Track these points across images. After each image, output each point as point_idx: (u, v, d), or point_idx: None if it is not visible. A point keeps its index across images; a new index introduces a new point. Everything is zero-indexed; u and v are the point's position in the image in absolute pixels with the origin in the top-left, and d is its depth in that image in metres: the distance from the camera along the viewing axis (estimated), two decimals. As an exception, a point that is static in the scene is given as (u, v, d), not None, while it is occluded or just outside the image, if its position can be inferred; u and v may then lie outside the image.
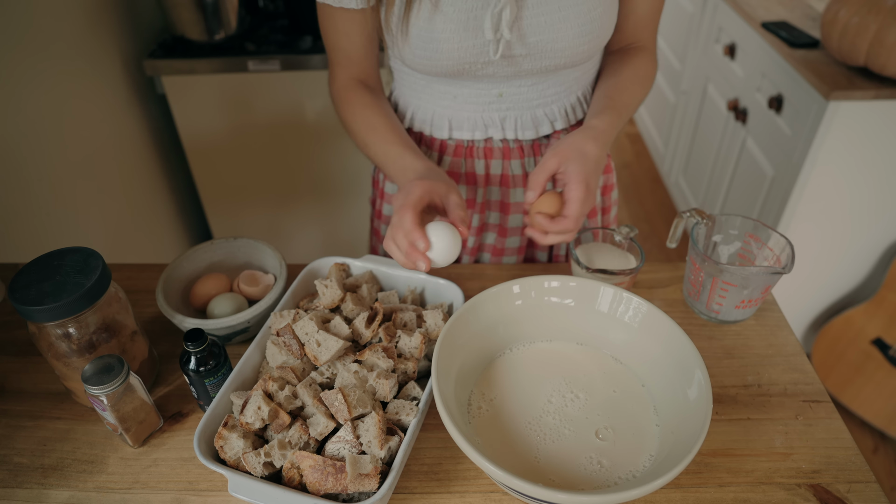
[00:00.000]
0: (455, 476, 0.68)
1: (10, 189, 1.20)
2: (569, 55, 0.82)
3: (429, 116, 0.92)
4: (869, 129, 1.52)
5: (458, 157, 0.94)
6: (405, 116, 0.95)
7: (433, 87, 0.89)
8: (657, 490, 0.60)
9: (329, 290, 0.77)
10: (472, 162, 0.94)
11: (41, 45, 1.30)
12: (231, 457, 0.63)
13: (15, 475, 0.69)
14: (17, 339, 0.85)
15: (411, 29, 0.79)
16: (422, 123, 0.93)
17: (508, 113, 0.90)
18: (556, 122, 0.92)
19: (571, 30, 0.79)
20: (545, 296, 0.76)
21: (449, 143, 0.94)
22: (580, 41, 0.80)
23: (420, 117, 0.93)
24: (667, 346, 0.69)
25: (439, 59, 0.80)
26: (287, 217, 2.02)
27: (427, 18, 0.77)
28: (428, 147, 0.95)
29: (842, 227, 1.72)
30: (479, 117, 0.90)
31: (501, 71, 0.83)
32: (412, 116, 0.94)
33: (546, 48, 0.80)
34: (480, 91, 0.87)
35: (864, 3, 1.46)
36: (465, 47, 0.79)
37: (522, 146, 0.94)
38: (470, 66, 0.81)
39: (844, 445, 0.72)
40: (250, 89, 1.69)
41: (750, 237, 0.85)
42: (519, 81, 0.86)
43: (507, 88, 0.87)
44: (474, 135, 0.92)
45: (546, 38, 0.79)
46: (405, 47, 0.81)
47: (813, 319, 1.96)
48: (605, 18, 0.81)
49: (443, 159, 0.95)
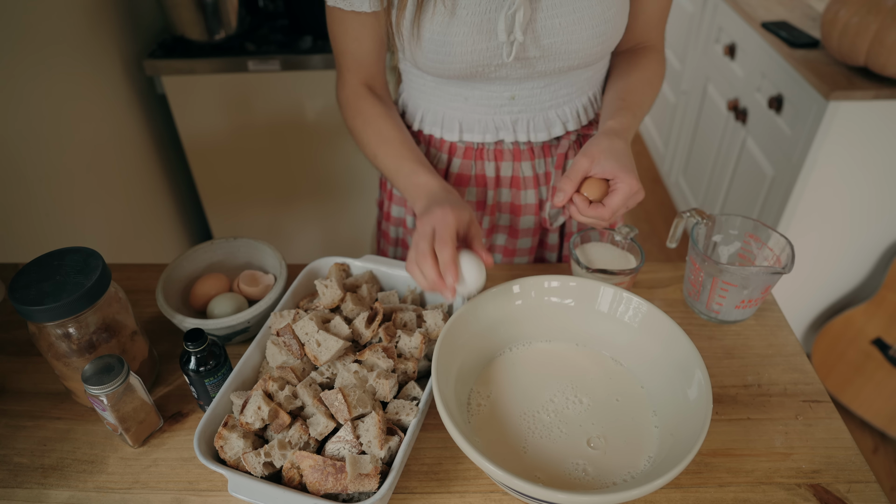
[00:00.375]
0: (455, 476, 0.68)
1: (10, 189, 1.20)
2: (582, 56, 0.81)
3: (439, 119, 0.91)
4: (869, 129, 1.52)
5: (467, 159, 0.93)
6: (415, 118, 0.94)
7: (444, 89, 0.88)
8: (657, 490, 0.60)
9: (329, 290, 0.77)
10: (482, 164, 0.94)
11: (41, 45, 1.30)
12: (231, 457, 0.63)
13: (15, 475, 0.69)
14: (17, 339, 0.85)
15: (424, 32, 0.78)
16: (432, 126, 0.93)
17: (520, 115, 0.89)
18: (569, 123, 0.92)
19: (586, 31, 0.78)
20: (545, 296, 0.76)
21: (459, 145, 0.93)
22: (594, 42, 0.80)
23: (430, 119, 0.92)
24: (667, 346, 0.69)
25: (452, 62, 0.79)
26: (287, 217, 2.02)
27: (440, 22, 0.76)
28: (437, 149, 0.94)
29: (842, 227, 1.72)
30: (491, 120, 0.89)
31: (514, 73, 0.82)
32: (422, 118, 0.93)
33: (560, 49, 0.79)
34: (492, 93, 0.86)
35: (864, 3, 1.46)
36: (478, 50, 0.78)
37: (533, 148, 0.93)
38: (483, 68, 0.81)
39: (844, 445, 0.72)
40: (250, 89, 1.69)
41: (750, 237, 0.85)
42: (531, 84, 0.86)
43: (520, 91, 0.86)
44: (485, 137, 0.91)
45: (560, 40, 0.78)
46: (417, 51, 0.80)
47: (813, 319, 1.96)
48: (618, 19, 0.80)
49: (452, 161, 0.94)
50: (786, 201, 1.69)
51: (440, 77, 0.84)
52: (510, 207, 0.98)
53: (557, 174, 0.94)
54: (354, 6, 0.80)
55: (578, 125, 0.93)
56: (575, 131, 0.93)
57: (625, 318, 0.73)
